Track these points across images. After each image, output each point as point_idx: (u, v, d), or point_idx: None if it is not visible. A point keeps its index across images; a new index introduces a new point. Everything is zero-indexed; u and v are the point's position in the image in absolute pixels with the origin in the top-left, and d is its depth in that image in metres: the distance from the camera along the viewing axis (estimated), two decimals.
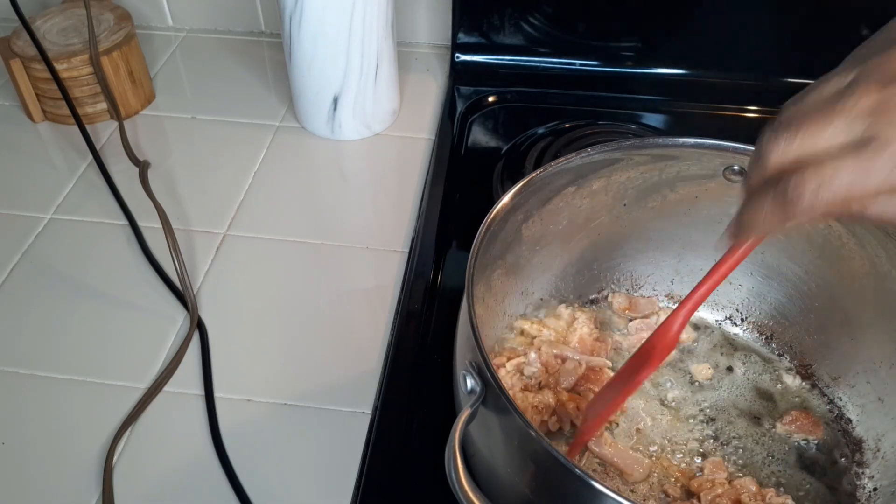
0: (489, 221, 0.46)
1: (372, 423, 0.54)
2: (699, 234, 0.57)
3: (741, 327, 0.59)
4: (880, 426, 0.51)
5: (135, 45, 0.78)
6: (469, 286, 0.43)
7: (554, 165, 0.50)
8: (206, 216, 0.69)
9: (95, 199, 0.70)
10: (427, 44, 0.90)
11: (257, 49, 0.89)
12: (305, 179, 0.73)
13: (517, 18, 0.81)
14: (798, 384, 0.55)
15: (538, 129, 0.77)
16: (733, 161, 0.52)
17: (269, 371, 0.57)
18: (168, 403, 0.55)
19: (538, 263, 0.56)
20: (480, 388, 0.40)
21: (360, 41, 0.70)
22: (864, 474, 0.50)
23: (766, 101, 0.80)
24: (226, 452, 0.52)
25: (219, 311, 0.61)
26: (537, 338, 0.55)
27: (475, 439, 0.42)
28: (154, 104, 0.81)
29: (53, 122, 0.79)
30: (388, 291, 0.63)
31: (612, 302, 0.60)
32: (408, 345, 0.58)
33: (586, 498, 0.36)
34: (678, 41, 0.81)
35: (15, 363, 0.58)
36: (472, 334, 0.41)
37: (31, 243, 0.67)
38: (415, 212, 0.69)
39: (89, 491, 0.50)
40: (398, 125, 0.79)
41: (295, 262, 0.65)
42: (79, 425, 0.54)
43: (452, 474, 0.37)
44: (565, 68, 0.83)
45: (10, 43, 0.76)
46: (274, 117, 0.80)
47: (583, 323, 0.56)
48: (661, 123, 0.79)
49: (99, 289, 0.63)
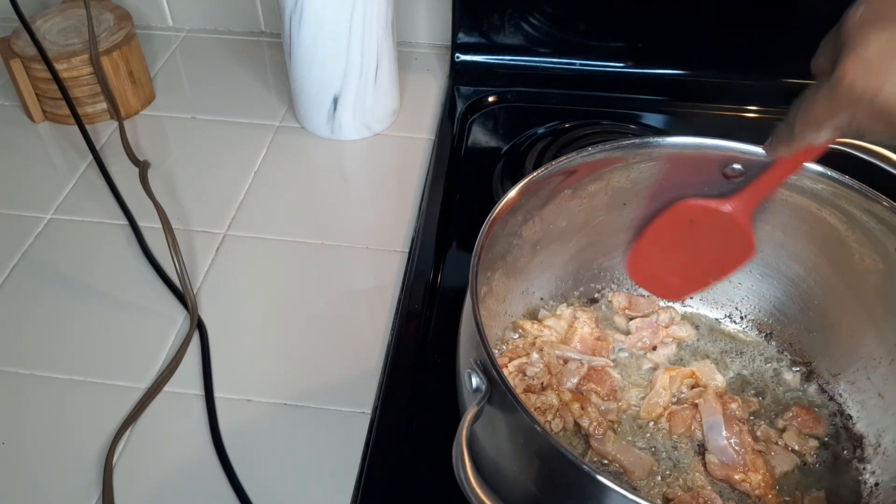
0: (491, 221, 0.46)
1: (372, 423, 0.54)
2: None
3: (741, 325, 0.59)
4: (881, 422, 0.51)
5: (135, 45, 0.78)
6: (473, 284, 0.43)
7: (554, 165, 0.50)
8: (206, 216, 0.69)
9: (95, 199, 0.70)
10: (427, 44, 0.90)
11: (257, 49, 0.89)
12: (305, 179, 0.73)
13: (517, 18, 0.81)
14: (798, 381, 0.55)
15: (538, 129, 0.77)
16: (733, 160, 0.52)
17: (269, 371, 0.57)
18: (168, 403, 0.55)
19: (538, 263, 0.56)
20: (486, 387, 0.40)
21: (360, 41, 0.70)
22: (865, 470, 0.50)
23: (767, 101, 0.80)
24: (226, 452, 0.52)
25: (219, 311, 0.61)
26: (539, 338, 0.55)
27: (480, 437, 0.42)
28: (154, 104, 0.81)
29: (53, 122, 0.79)
30: (388, 291, 0.63)
31: (613, 301, 0.60)
32: (408, 345, 0.58)
33: (593, 493, 0.36)
34: (678, 41, 0.81)
35: (15, 363, 0.58)
36: (477, 332, 0.41)
37: (31, 243, 0.67)
38: (415, 212, 0.69)
39: (89, 491, 0.50)
40: (398, 125, 0.79)
41: (295, 262, 0.65)
42: (79, 425, 0.54)
43: (461, 473, 0.37)
44: (565, 68, 0.84)
45: (10, 43, 0.76)
46: (274, 117, 0.80)
47: (584, 323, 0.56)
48: (661, 123, 0.79)
49: (99, 289, 0.63)
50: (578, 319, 0.57)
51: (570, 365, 0.53)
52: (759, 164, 0.50)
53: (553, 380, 0.53)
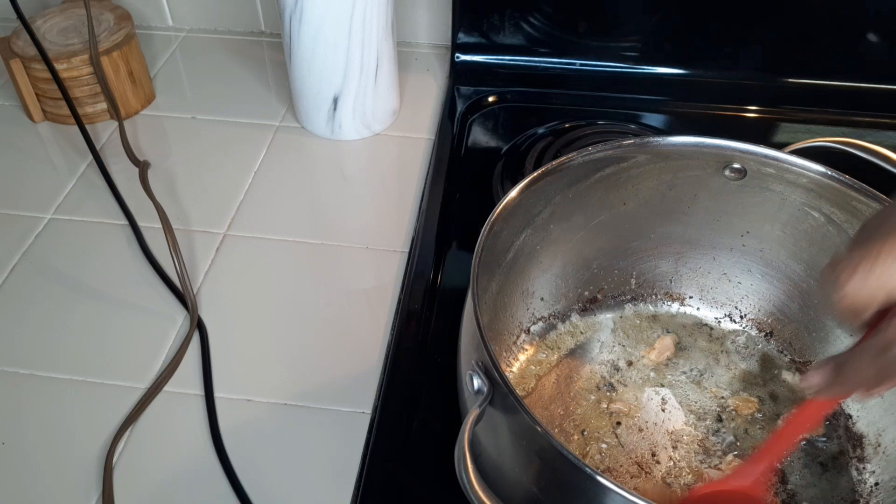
0: (492, 221, 0.46)
1: (372, 423, 0.54)
2: (699, 233, 0.57)
3: (740, 324, 0.59)
4: (881, 422, 0.51)
5: (135, 45, 0.78)
6: (474, 285, 0.43)
7: (554, 165, 0.50)
8: (206, 216, 0.69)
9: (95, 199, 0.70)
10: (427, 44, 0.90)
11: (257, 49, 0.89)
12: (305, 179, 0.73)
13: (517, 18, 0.81)
14: (798, 380, 0.55)
15: (538, 129, 0.77)
16: (733, 160, 0.52)
17: (269, 371, 0.57)
18: (168, 403, 0.55)
19: (538, 263, 0.56)
20: (488, 388, 0.40)
21: (360, 41, 0.70)
22: (865, 469, 0.51)
23: (766, 101, 0.80)
24: (226, 452, 0.52)
25: (219, 311, 0.61)
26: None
27: (482, 439, 0.42)
28: (154, 104, 0.81)
29: (53, 122, 0.79)
30: (388, 291, 0.63)
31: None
32: (408, 345, 0.58)
33: (595, 494, 0.36)
34: (678, 41, 0.81)
35: (15, 363, 0.58)
36: (479, 334, 0.41)
37: (31, 243, 0.66)
38: (415, 212, 0.69)
39: (89, 491, 0.50)
40: (398, 125, 0.79)
41: (295, 262, 0.65)
42: (79, 425, 0.54)
43: (463, 475, 0.37)
44: (565, 68, 0.84)
45: (10, 43, 0.76)
46: (274, 117, 0.80)
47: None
48: (661, 123, 0.79)
49: (99, 289, 0.63)
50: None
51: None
52: (759, 163, 0.50)
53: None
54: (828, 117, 0.78)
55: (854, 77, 0.79)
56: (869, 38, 0.77)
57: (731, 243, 0.57)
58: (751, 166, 0.52)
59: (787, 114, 0.80)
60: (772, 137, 0.77)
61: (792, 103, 0.80)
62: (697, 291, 0.60)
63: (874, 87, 0.79)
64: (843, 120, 0.78)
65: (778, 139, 0.77)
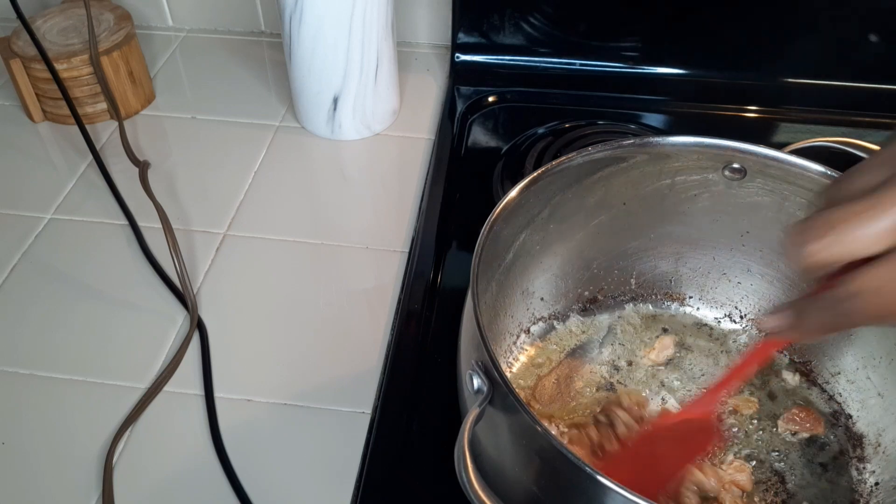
0: (492, 221, 0.46)
1: (372, 423, 0.54)
2: (699, 233, 0.57)
3: (740, 324, 0.59)
4: (881, 421, 0.51)
5: (135, 45, 0.78)
6: (474, 285, 0.43)
7: (554, 165, 0.50)
8: (206, 216, 0.69)
9: (95, 199, 0.70)
10: (427, 44, 0.90)
11: (257, 49, 0.89)
12: (305, 179, 0.73)
13: (517, 18, 0.81)
14: (798, 380, 0.55)
15: (538, 129, 0.77)
16: (733, 160, 0.52)
17: (269, 371, 0.57)
18: (168, 403, 0.55)
19: (538, 263, 0.56)
20: (488, 388, 0.40)
21: (360, 41, 0.70)
22: (865, 469, 0.50)
23: (766, 101, 0.80)
24: (226, 452, 0.52)
25: (219, 311, 0.61)
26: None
27: (481, 439, 0.42)
28: (154, 104, 0.81)
29: (53, 122, 0.79)
30: (388, 291, 0.63)
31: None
32: (408, 345, 0.58)
33: (596, 494, 0.36)
34: (678, 41, 0.81)
35: (15, 363, 0.58)
36: (479, 333, 0.41)
37: (31, 243, 0.67)
38: (415, 212, 0.69)
39: (89, 491, 0.50)
40: (398, 125, 0.79)
41: (295, 262, 0.65)
42: (79, 425, 0.54)
43: (463, 476, 0.37)
44: (565, 68, 0.84)
45: (10, 43, 0.76)
46: (274, 117, 0.80)
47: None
48: (661, 123, 0.79)
49: (99, 289, 0.63)
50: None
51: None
52: (759, 163, 0.50)
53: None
54: (828, 117, 0.78)
55: (854, 77, 0.79)
56: (869, 38, 0.77)
57: (731, 243, 0.57)
58: (751, 166, 0.52)
59: (787, 114, 0.80)
60: (772, 137, 0.77)
61: (792, 103, 0.80)
62: (697, 291, 0.60)
63: (874, 87, 0.79)
64: (843, 120, 0.78)
65: (778, 139, 0.77)
